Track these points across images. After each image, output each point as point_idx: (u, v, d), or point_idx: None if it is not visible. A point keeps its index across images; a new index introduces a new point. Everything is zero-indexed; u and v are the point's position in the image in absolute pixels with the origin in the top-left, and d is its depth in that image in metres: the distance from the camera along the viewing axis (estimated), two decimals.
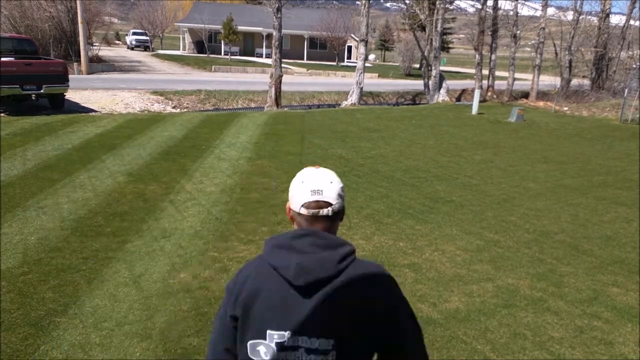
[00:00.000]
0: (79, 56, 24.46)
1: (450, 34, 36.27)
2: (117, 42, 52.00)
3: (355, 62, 24.88)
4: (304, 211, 1.44)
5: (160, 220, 5.91)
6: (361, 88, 21.03)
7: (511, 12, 24.71)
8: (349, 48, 48.91)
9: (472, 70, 27.43)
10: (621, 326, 4.21)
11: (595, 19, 26.25)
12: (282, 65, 19.13)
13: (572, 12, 25.42)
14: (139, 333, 3.71)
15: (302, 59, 46.88)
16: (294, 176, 1.52)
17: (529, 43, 30.48)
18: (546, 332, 4.04)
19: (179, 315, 3.98)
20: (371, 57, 48.40)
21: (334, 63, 45.15)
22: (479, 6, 24.56)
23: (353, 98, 20.77)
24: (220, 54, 44.61)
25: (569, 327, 4.14)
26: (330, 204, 1.45)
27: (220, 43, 44.11)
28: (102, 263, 4.76)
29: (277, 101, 18.20)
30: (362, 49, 21.19)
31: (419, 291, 4.61)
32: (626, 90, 18.43)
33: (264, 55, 44.74)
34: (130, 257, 4.92)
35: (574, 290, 4.78)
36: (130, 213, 6.09)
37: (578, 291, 4.77)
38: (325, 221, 1.45)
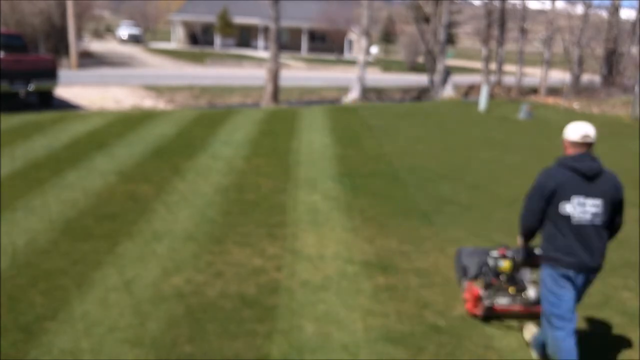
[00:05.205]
0: (69, 51, 24.18)
1: (456, 27, 35.77)
2: (108, 35, 51.22)
3: (357, 56, 24.53)
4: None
5: (151, 222, 5.75)
6: (363, 83, 20.66)
7: (519, 6, 24.40)
8: (350, 41, 48.25)
9: (480, 65, 27.10)
10: (631, 331, 4.17)
11: (605, 13, 25.88)
12: (280, 59, 18.79)
13: (581, 6, 25.07)
14: (131, 339, 3.62)
15: (301, 52, 45.89)
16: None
17: (538, 37, 30.14)
18: None
19: (172, 321, 3.88)
20: (374, 50, 47.50)
21: (334, 57, 44.25)
22: None
23: (354, 94, 20.38)
24: (216, 46, 43.99)
25: (579, 333, 3.99)
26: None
27: (215, 35, 43.43)
28: (92, 266, 4.63)
29: (275, 97, 17.86)
30: (363, 43, 20.91)
31: (425, 298, 4.48)
32: (636, 87, 18.11)
33: (260, 48, 43.61)
34: (120, 261, 4.79)
35: (584, 295, 4.65)
36: (121, 214, 5.92)
37: (588, 295, 4.60)
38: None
